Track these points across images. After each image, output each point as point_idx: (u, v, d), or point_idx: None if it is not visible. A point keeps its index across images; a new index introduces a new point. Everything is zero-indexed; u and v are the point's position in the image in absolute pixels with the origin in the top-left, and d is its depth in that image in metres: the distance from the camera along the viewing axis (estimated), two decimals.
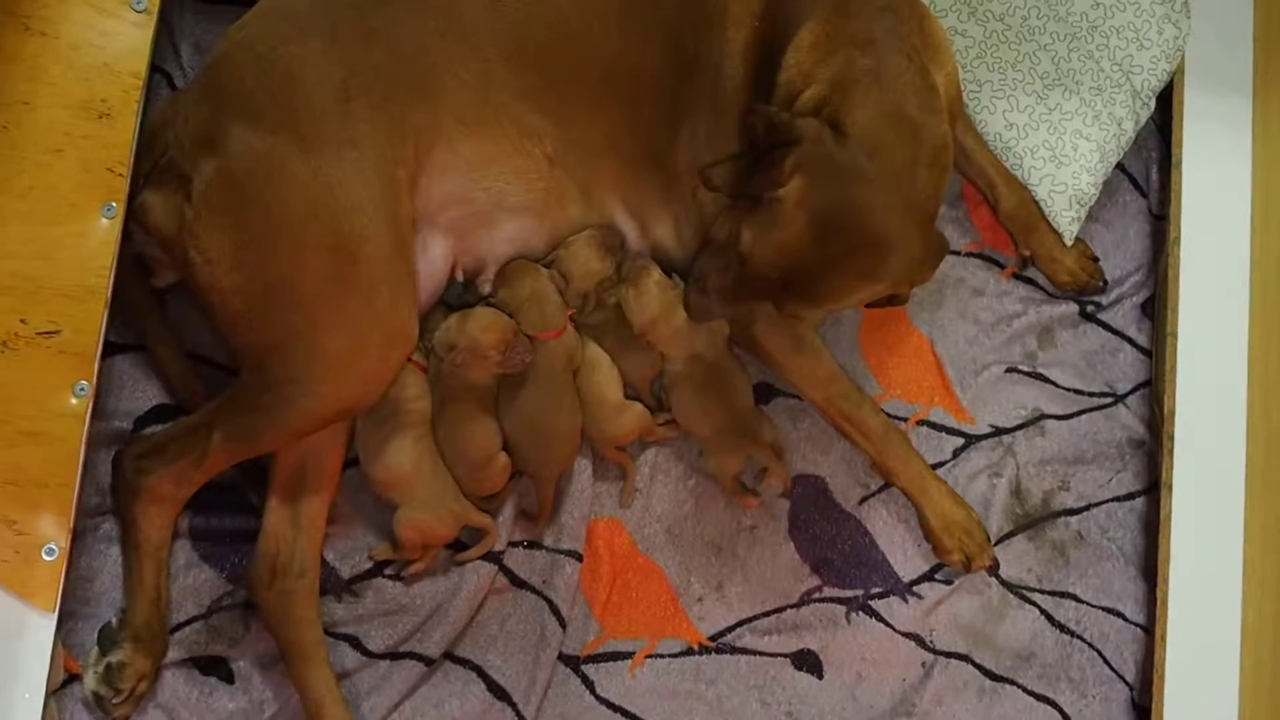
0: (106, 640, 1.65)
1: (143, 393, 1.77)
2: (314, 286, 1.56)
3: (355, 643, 1.78)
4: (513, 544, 1.84)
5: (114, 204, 1.56)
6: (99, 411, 1.71)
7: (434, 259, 1.73)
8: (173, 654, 1.69)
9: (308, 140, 1.56)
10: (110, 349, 1.70)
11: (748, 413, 1.85)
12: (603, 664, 1.85)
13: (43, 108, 1.54)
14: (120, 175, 1.56)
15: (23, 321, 1.52)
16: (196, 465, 1.61)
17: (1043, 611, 1.95)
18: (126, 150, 1.57)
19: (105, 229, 1.56)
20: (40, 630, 1.53)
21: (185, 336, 1.79)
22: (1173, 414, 1.98)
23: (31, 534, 1.51)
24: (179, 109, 1.62)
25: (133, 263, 1.67)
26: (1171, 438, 1.97)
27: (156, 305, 1.75)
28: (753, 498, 1.87)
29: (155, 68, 1.76)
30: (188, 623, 1.72)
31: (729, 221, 1.55)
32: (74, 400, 1.53)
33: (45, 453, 1.51)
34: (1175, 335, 2.01)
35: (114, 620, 1.66)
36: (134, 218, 1.62)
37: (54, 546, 1.52)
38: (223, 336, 1.64)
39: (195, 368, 1.78)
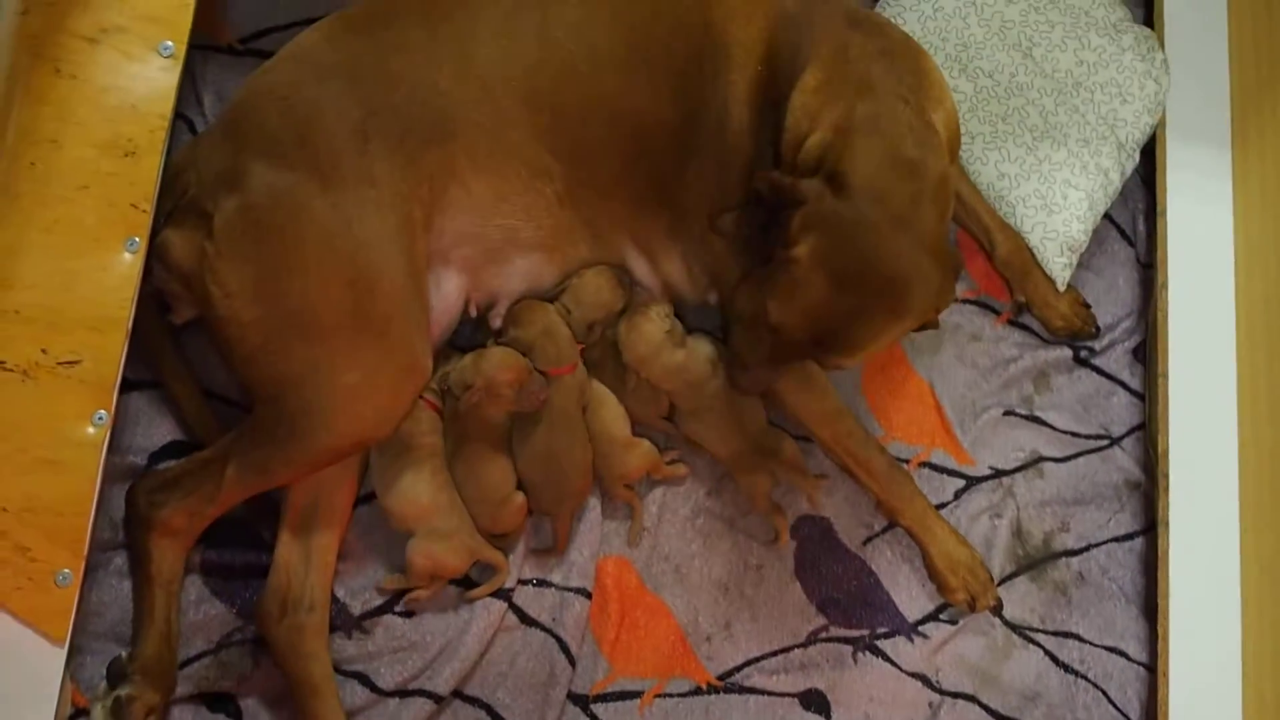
0: (115, 674, 1.63)
1: (157, 429, 1.77)
2: (331, 320, 1.57)
3: (365, 680, 1.76)
4: (522, 582, 1.83)
5: (137, 239, 1.56)
6: (113, 446, 1.70)
7: (447, 294, 1.74)
8: (181, 689, 1.67)
9: (327, 178, 1.58)
10: (126, 385, 1.67)
11: (763, 432, 1.85)
12: (612, 703, 1.83)
13: (70, 146, 1.56)
14: (144, 211, 1.56)
15: (44, 351, 1.52)
16: (210, 499, 1.61)
17: (1047, 652, 1.94)
18: (150, 187, 1.56)
19: (128, 263, 1.55)
20: (50, 661, 1.52)
21: (201, 374, 1.78)
22: (1167, 453, 1.99)
23: (45, 561, 1.49)
24: (201, 150, 1.65)
25: (152, 299, 1.68)
26: (1167, 476, 1.98)
27: (173, 342, 1.76)
28: (783, 517, 1.87)
29: (178, 114, 1.79)
30: (197, 658, 1.70)
31: (750, 295, 1.57)
32: (92, 430, 1.53)
33: (62, 481, 1.50)
34: (1166, 376, 2.03)
35: (123, 655, 1.64)
36: (155, 255, 1.61)
37: (67, 573, 1.51)
38: (238, 371, 1.65)
39: (210, 405, 1.77)
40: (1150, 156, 2.19)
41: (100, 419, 1.54)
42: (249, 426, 1.62)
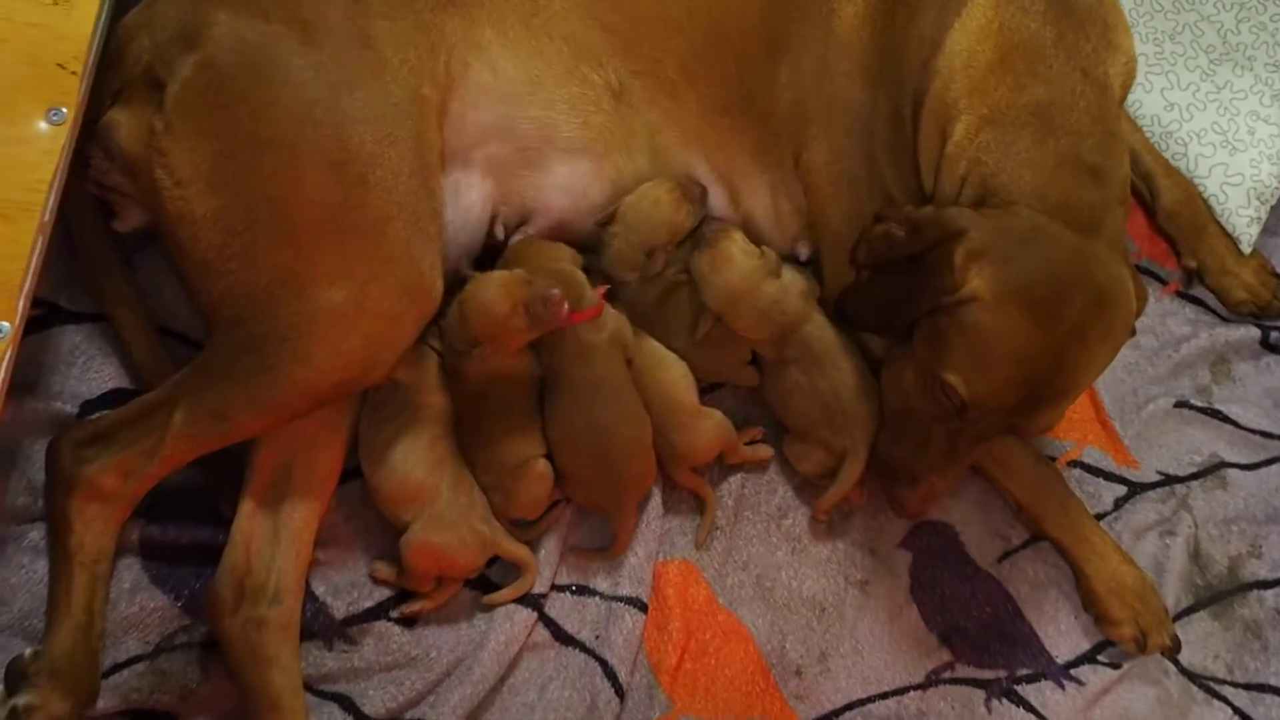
0: (15, 676, 1.28)
1: (97, 372, 1.48)
2: (310, 215, 1.29)
3: (347, 704, 1.44)
4: (557, 587, 1.55)
5: (64, 109, 1.26)
6: (39, 389, 1.45)
7: (469, 205, 1.48)
8: (105, 702, 1.34)
9: (311, 32, 1.32)
10: (61, 316, 1.47)
11: (854, 403, 1.53)
12: None
13: None
14: (73, 74, 1.27)
15: None
16: (151, 454, 1.31)
17: (1236, 710, 1.66)
18: (84, 45, 1.28)
19: (48, 136, 1.25)
20: None
21: (156, 305, 1.51)
22: None
23: None
24: (158, 7, 1.38)
25: (95, 206, 1.43)
26: None
27: (122, 262, 1.48)
28: (824, 508, 1.61)
29: None
30: (128, 663, 1.38)
31: (904, 380, 1.41)
32: None
33: None
34: None
35: (27, 652, 1.30)
36: (97, 142, 1.36)
37: None
38: (192, 287, 1.36)
39: (166, 345, 1.49)
40: None
41: (2, 332, 1.18)
42: (204, 359, 1.33)
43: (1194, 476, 1.77)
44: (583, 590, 1.55)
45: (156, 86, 1.32)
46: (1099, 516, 1.70)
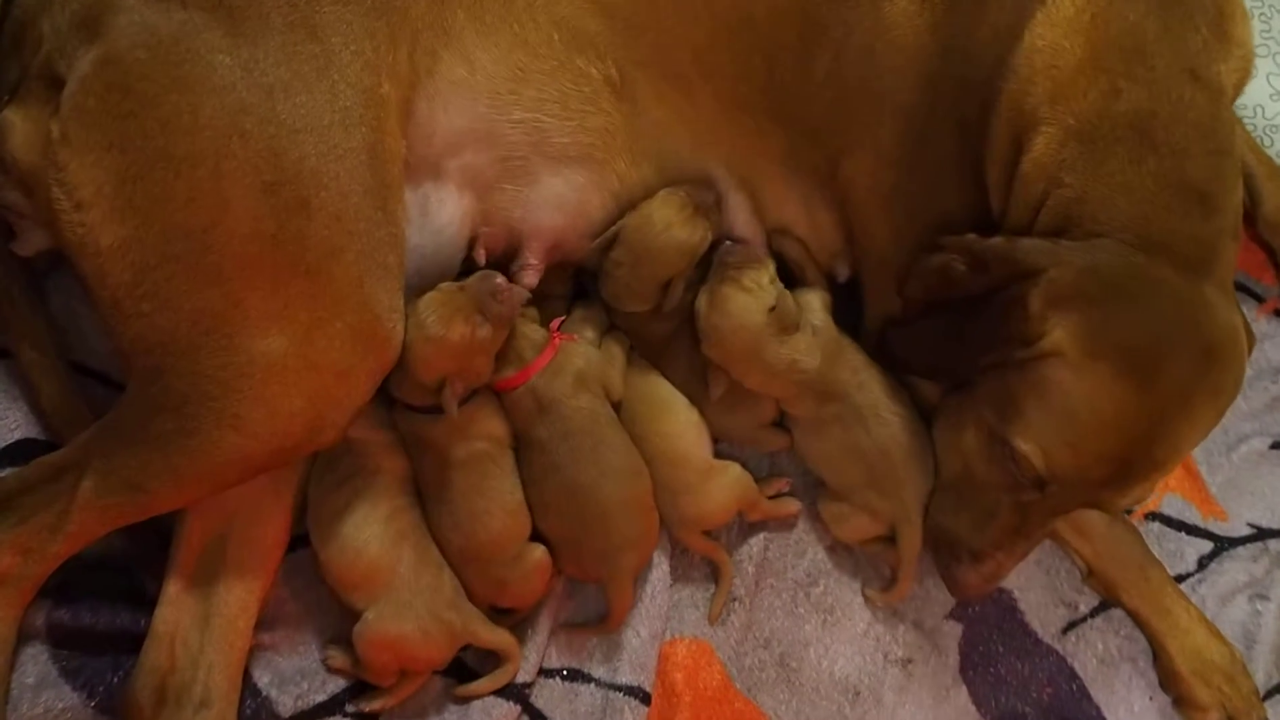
0: None
1: (1, 419, 1.31)
2: (238, 248, 1.09)
3: None
4: (546, 672, 1.39)
5: None
6: None
7: (441, 226, 1.29)
8: None
9: (240, 19, 1.11)
10: None
11: (904, 463, 1.34)
12: None
13: None
14: None
15: None
16: (55, 529, 1.13)
17: None
18: None
19: None
20: None
21: (71, 341, 1.34)
22: None
23: None
24: None
25: None
26: None
27: (27, 289, 1.30)
28: (878, 603, 1.45)
29: None
30: None
31: (964, 441, 1.26)
32: None
33: None
34: None
35: None
36: None
37: None
38: (106, 328, 1.16)
39: (83, 386, 1.32)
40: None
41: None
42: (116, 417, 1.14)
43: None
44: (575, 676, 1.38)
45: (56, 84, 1.12)
46: (1180, 578, 1.54)
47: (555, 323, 1.34)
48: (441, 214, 1.28)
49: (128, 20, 1.08)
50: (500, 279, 1.25)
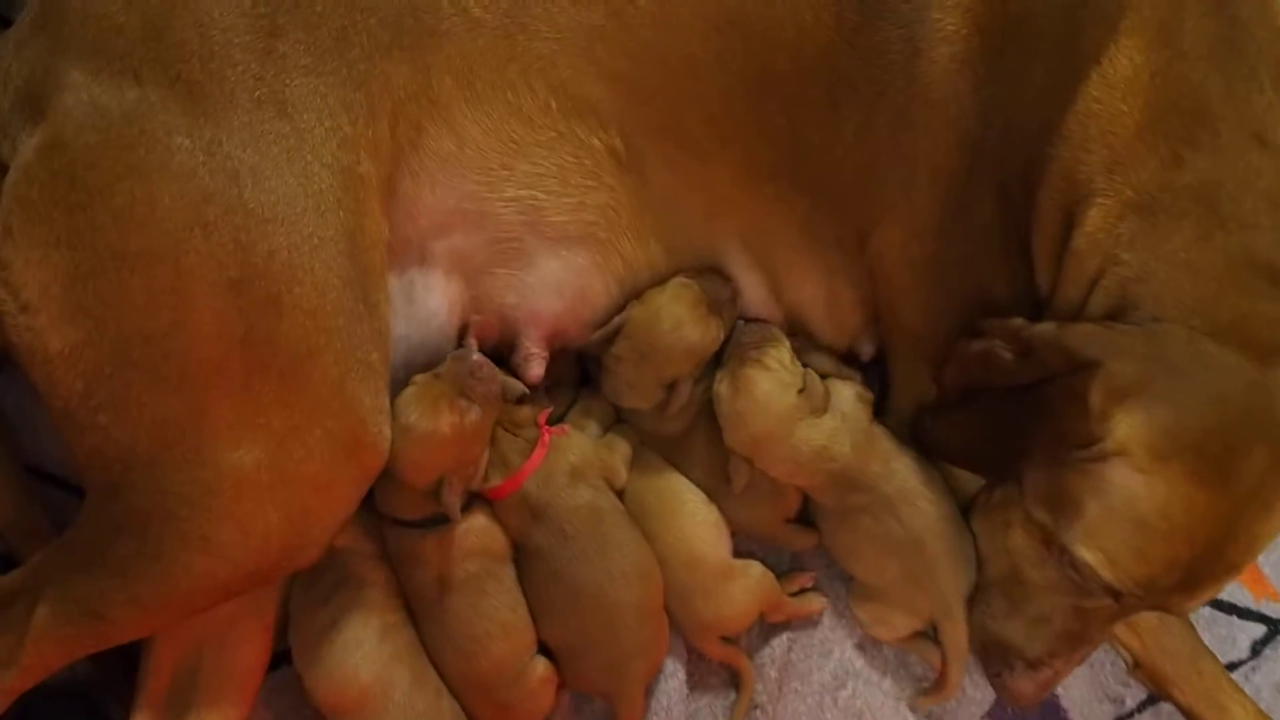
0: None
1: None
2: (203, 353, 0.99)
3: None
4: None
5: None
6: None
7: (428, 315, 1.19)
8: None
9: (200, 96, 1.00)
10: None
11: (942, 556, 1.23)
12: None
13: None
14: None
15: None
16: (8, 661, 1.03)
17: None
18: None
19: None
20: None
21: (26, 443, 1.26)
22: None
23: None
24: (5, 53, 1.07)
25: None
26: None
27: None
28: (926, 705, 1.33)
29: None
30: None
31: (1011, 542, 1.16)
32: None
33: None
34: None
35: None
36: None
37: None
38: (63, 437, 1.05)
39: (40, 493, 1.23)
40: None
41: None
42: (72, 538, 1.04)
43: None
44: None
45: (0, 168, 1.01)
46: (1231, 667, 1.42)
47: (542, 417, 1.24)
48: (429, 301, 1.18)
49: (75, 100, 0.97)
50: (476, 355, 1.16)
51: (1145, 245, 1.06)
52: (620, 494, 1.25)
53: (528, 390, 1.20)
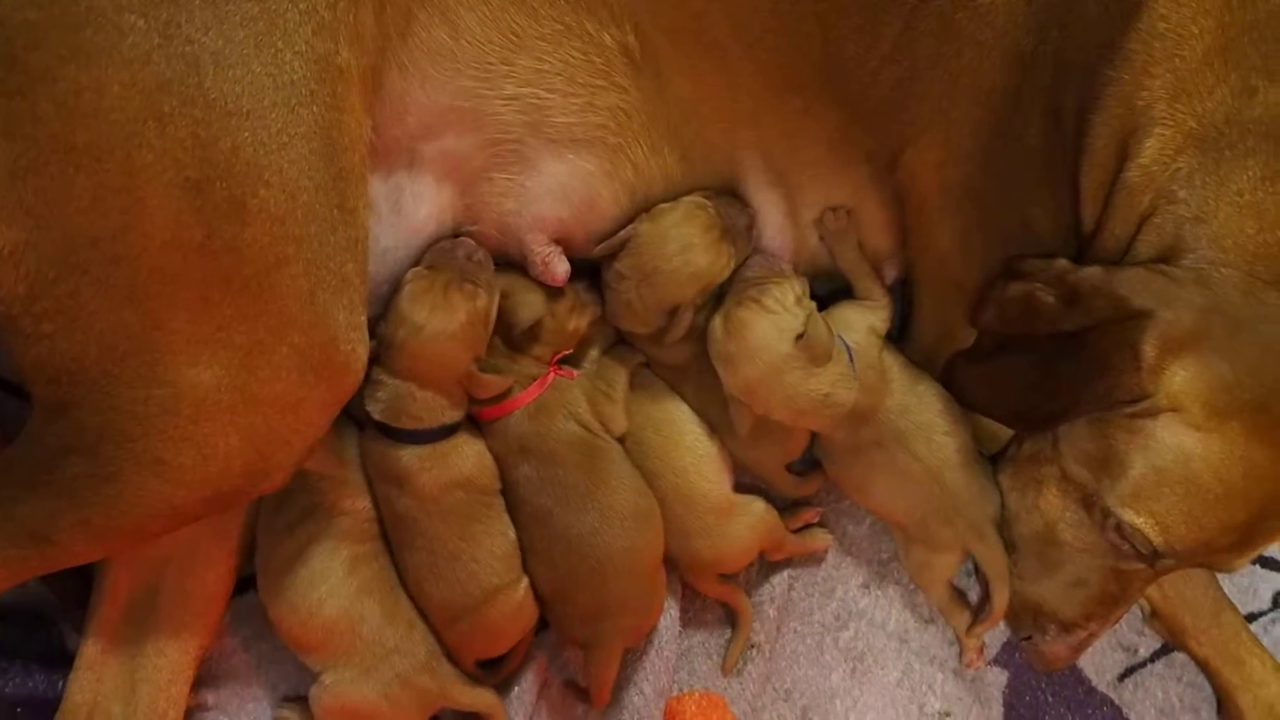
0: None
1: None
2: (158, 259, 0.88)
3: None
4: None
5: None
6: None
7: (417, 225, 1.10)
8: None
9: None
10: None
11: (962, 486, 1.17)
12: None
13: None
14: None
15: None
16: None
17: None
18: None
19: None
20: None
21: None
22: None
23: None
24: None
25: None
26: None
27: None
28: (976, 635, 1.28)
29: None
30: None
31: (1045, 501, 1.11)
32: None
33: None
34: None
35: None
36: None
37: None
38: (7, 347, 0.96)
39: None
40: None
41: None
42: (15, 454, 0.95)
43: None
44: None
45: None
46: (1251, 618, 1.38)
47: (555, 356, 1.16)
48: (418, 210, 1.09)
49: None
50: (463, 239, 1.10)
51: (1206, 183, 0.97)
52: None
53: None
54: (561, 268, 1.13)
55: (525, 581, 1.14)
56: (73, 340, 0.89)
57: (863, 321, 1.17)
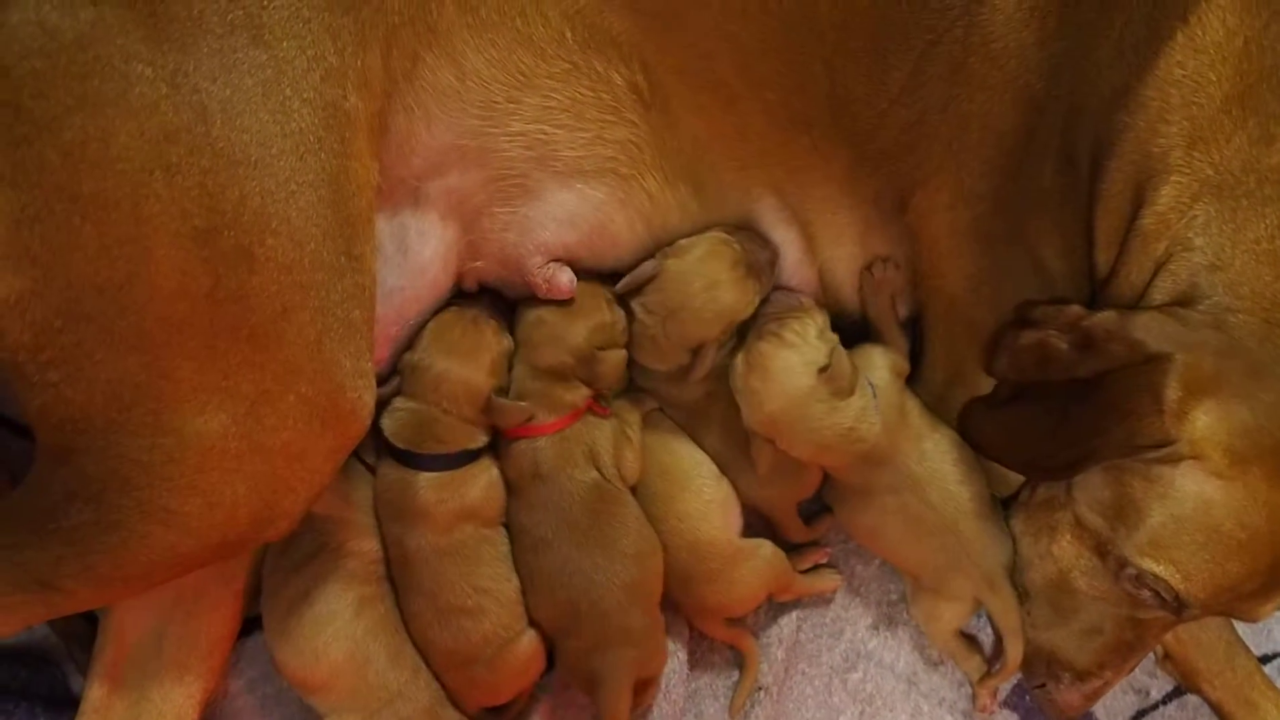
0: None
1: None
2: (164, 309, 0.87)
3: None
4: None
5: None
6: None
7: (422, 265, 1.09)
8: None
9: (164, 19, 0.87)
10: None
11: (976, 536, 1.15)
12: None
13: None
14: None
15: None
16: None
17: None
18: None
19: None
20: None
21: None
22: None
23: None
24: None
25: None
26: None
27: None
28: (989, 688, 1.24)
29: None
30: None
31: (1059, 548, 1.10)
32: None
33: None
34: None
35: None
36: None
37: None
38: (13, 394, 0.95)
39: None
40: None
41: None
42: (21, 501, 0.94)
43: None
44: None
45: None
46: (1265, 660, 1.35)
47: (588, 396, 1.15)
48: (424, 249, 1.07)
49: (21, 19, 0.84)
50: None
51: (1222, 230, 0.95)
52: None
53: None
54: (564, 277, 1.12)
55: (532, 633, 1.12)
56: (78, 389, 0.88)
57: (885, 361, 1.16)
